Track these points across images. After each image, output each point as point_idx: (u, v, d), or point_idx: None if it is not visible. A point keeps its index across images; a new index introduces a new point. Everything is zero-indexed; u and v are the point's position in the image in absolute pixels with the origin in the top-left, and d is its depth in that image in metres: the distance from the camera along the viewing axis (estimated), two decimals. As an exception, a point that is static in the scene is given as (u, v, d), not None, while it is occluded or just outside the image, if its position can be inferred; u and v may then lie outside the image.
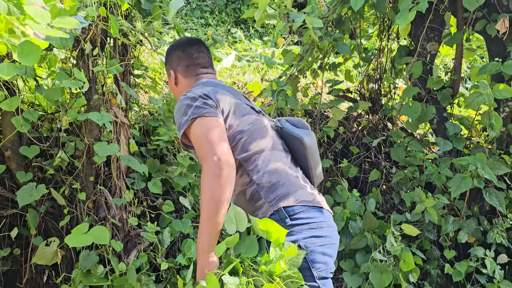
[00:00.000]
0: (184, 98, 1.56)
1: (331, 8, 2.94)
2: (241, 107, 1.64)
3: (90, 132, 2.26)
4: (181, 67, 1.80)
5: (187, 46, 1.83)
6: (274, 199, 1.52)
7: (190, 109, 1.49)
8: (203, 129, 1.46)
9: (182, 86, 1.79)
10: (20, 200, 2.01)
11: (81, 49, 2.19)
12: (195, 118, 1.47)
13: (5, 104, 1.96)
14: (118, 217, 2.26)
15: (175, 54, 1.83)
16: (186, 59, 1.80)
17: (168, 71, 1.85)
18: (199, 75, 1.79)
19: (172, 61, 1.83)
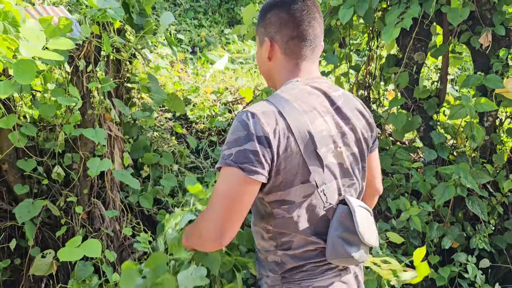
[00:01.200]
0: (244, 123, 1.14)
1: (321, 19, 3.00)
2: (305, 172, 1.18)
3: (85, 145, 2.32)
4: (281, 36, 1.27)
5: (295, 4, 1.26)
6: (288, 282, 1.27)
7: (237, 148, 1.13)
8: (229, 188, 1.13)
9: (276, 67, 1.32)
10: (18, 217, 2.08)
11: (75, 65, 2.25)
12: (233, 166, 1.12)
13: (2, 121, 2.02)
14: (111, 228, 2.33)
15: (276, 15, 1.28)
16: (292, 28, 1.26)
17: (261, 37, 1.32)
18: (299, 65, 1.29)
19: (271, 24, 1.29)
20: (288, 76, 1.30)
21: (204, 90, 3.92)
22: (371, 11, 2.75)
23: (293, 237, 1.23)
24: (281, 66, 1.30)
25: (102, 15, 2.17)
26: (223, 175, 1.14)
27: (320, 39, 1.32)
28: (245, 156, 1.11)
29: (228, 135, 1.17)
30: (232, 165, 1.12)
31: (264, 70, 1.37)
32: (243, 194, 1.13)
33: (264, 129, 1.13)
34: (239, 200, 1.13)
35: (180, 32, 6.30)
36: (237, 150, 1.12)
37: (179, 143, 3.17)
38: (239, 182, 1.12)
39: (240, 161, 1.11)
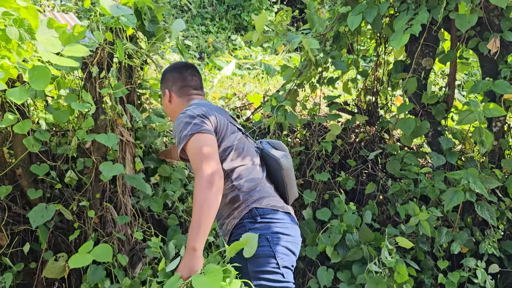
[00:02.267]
0: (183, 116, 1.78)
1: (329, 25, 3.04)
2: (230, 127, 1.90)
3: (98, 150, 2.36)
4: (176, 87, 2.05)
5: (182, 69, 2.08)
6: (249, 201, 1.79)
7: (189, 126, 1.72)
8: (199, 144, 1.68)
9: (176, 105, 2.04)
10: (32, 221, 2.11)
11: (88, 71, 2.28)
12: (193, 133, 1.70)
13: (18, 127, 2.06)
14: (123, 232, 2.36)
15: (171, 75, 2.08)
16: (181, 81, 2.06)
17: (163, 90, 2.09)
18: (191, 96, 2.04)
19: (168, 81, 2.08)
20: (185, 105, 1.98)
21: (212, 96, 3.95)
22: (379, 17, 2.77)
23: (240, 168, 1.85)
24: (179, 105, 2.03)
25: (115, 22, 2.21)
26: (190, 144, 1.70)
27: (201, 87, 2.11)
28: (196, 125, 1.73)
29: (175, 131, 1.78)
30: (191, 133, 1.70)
31: (169, 111, 2.11)
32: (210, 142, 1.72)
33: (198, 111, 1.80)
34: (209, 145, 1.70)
35: (188, 38, 6.35)
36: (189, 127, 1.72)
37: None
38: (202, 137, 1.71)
39: (195, 129, 1.71)
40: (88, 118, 2.30)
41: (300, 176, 3.17)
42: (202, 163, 1.62)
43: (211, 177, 1.60)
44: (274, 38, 2.90)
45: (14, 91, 1.97)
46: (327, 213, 2.85)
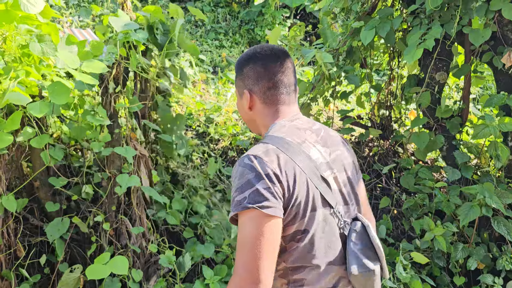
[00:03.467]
0: (249, 166, 1.18)
1: (342, 40, 3.06)
2: (313, 197, 1.21)
3: (113, 163, 2.40)
4: (259, 87, 1.36)
5: (270, 60, 1.36)
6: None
7: (250, 190, 1.14)
8: (253, 229, 1.12)
9: (258, 114, 1.39)
10: (49, 235, 2.16)
11: (105, 86, 2.34)
12: (251, 207, 1.12)
13: (35, 141, 2.12)
14: (138, 244, 2.38)
15: (252, 69, 1.37)
16: (268, 79, 1.35)
17: (241, 89, 1.40)
18: (279, 106, 1.37)
19: (248, 77, 1.38)
20: (271, 119, 1.37)
21: (226, 109, 3.99)
22: (392, 32, 2.79)
23: (307, 272, 1.23)
24: (262, 114, 1.38)
25: (126, 37, 2.26)
26: (244, 220, 1.14)
27: (294, 85, 1.41)
28: (259, 195, 1.13)
29: (234, 182, 1.18)
30: (249, 207, 1.12)
31: (246, 118, 1.44)
32: (270, 233, 1.12)
33: (270, 166, 1.17)
34: (267, 239, 1.11)
35: (202, 52, 6.44)
36: (250, 191, 1.13)
37: (201, 160, 3.23)
38: (262, 221, 1.12)
39: (257, 201, 1.12)
40: (105, 132, 2.34)
41: (314, 190, 3.16)
42: (244, 263, 1.11)
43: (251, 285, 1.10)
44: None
45: (35, 105, 2.03)
46: (340, 228, 2.84)
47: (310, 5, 4.02)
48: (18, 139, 2.16)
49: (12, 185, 2.41)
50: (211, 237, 2.53)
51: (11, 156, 2.34)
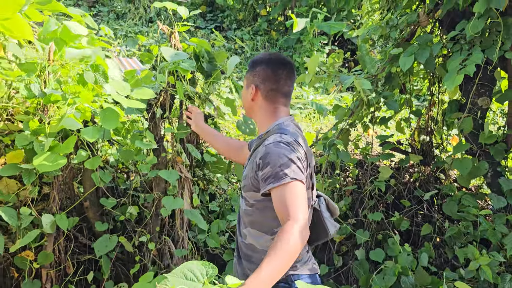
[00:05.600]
0: (287, 149, 1.53)
1: (381, 66, 3.09)
2: (313, 177, 1.72)
3: (158, 186, 2.50)
4: (264, 86, 1.72)
5: (278, 67, 1.71)
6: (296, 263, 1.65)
7: (292, 166, 1.50)
8: (298, 194, 1.49)
9: (258, 107, 1.75)
10: (97, 251, 2.26)
11: (153, 112, 2.47)
12: (295, 179, 1.49)
13: (88, 163, 2.25)
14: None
15: (263, 70, 1.72)
16: (273, 82, 1.71)
17: (249, 83, 1.77)
18: (279, 106, 1.72)
19: (258, 76, 1.73)
20: (271, 115, 1.72)
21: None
22: (432, 58, 2.79)
23: None
24: (261, 107, 1.74)
25: (175, 66, 2.38)
26: (290, 187, 1.48)
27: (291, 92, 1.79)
28: (299, 170, 1.51)
29: (274, 160, 1.51)
30: (296, 178, 1.49)
31: (246, 105, 1.82)
32: (304, 195, 1.52)
33: (299, 152, 1.56)
34: (305, 199, 1.52)
35: (242, 79, 6.60)
36: (295, 167, 1.50)
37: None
38: (302, 188, 1.51)
39: (298, 174, 1.50)
40: (151, 155, 2.46)
41: (353, 215, 3.15)
42: (300, 213, 1.45)
43: (305, 232, 1.45)
44: (326, 79, 2.99)
45: (88, 130, 2.17)
46: (380, 254, 2.80)
47: (348, 32, 4.08)
48: (73, 162, 2.30)
49: (63, 205, 2.55)
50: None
51: (64, 178, 2.49)
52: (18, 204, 2.35)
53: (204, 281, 1.16)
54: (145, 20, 8.40)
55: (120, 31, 7.48)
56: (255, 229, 1.69)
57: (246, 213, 1.72)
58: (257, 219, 1.67)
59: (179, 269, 1.18)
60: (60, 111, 2.17)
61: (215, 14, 9.34)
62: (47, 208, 2.41)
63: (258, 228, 1.68)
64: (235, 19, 9.00)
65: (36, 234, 2.11)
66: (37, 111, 2.29)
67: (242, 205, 1.75)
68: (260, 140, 1.68)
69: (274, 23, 8.61)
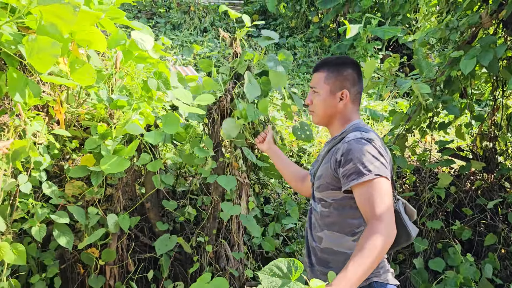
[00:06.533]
0: (370, 146, 1.50)
1: (440, 70, 3.00)
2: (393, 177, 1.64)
3: (216, 190, 2.56)
4: (354, 90, 1.70)
5: (358, 68, 1.75)
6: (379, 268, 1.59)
7: (377, 163, 1.47)
8: (384, 190, 1.45)
9: (342, 111, 1.70)
10: (158, 249, 2.35)
11: (212, 118, 2.54)
12: (381, 176, 1.45)
13: (151, 165, 2.35)
14: (235, 268, 2.49)
15: (352, 74, 1.71)
16: (360, 84, 1.73)
17: (337, 87, 1.69)
18: (356, 112, 1.72)
19: (347, 80, 1.69)
20: (349, 117, 1.70)
21: (318, 140, 4.05)
22: (495, 60, 2.68)
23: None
24: (348, 111, 1.70)
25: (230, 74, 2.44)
26: (374, 184, 1.45)
27: None
28: (383, 166, 1.48)
29: (356, 156, 1.47)
30: (381, 175, 1.45)
31: (329, 112, 1.72)
32: (390, 192, 1.47)
33: (382, 149, 1.53)
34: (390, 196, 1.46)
35: (294, 86, 6.62)
36: (378, 163, 1.47)
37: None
38: (387, 185, 1.46)
39: (382, 170, 1.46)
40: (209, 160, 2.53)
41: (410, 223, 3.06)
42: (386, 211, 1.41)
43: (392, 232, 1.40)
44: (382, 84, 2.94)
45: (151, 134, 2.27)
46: (440, 264, 2.70)
47: (403, 37, 4.00)
48: (136, 164, 2.42)
49: (126, 205, 2.68)
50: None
51: (127, 179, 2.62)
52: (84, 204, 2.50)
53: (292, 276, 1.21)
54: (200, 30, 8.65)
55: (176, 41, 7.75)
56: (333, 231, 1.62)
57: (322, 215, 1.65)
58: (336, 219, 1.61)
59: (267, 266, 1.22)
60: (125, 116, 2.29)
61: (267, 22, 9.46)
62: (111, 208, 2.54)
63: (337, 229, 1.61)
64: (287, 27, 9.06)
65: (103, 232, 2.23)
66: (105, 116, 2.44)
67: (317, 208, 1.68)
68: (336, 140, 1.66)
69: (326, 30, 8.58)
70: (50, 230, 2.25)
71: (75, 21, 1.65)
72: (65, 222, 2.17)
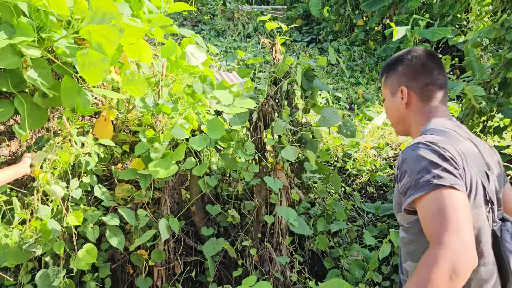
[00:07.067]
0: (426, 149, 1.18)
1: (494, 72, 2.86)
2: (480, 193, 1.21)
3: (259, 193, 2.57)
4: (417, 83, 1.42)
5: (426, 57, 1.44)
6: None
7: (434, 171, 1.14)
8: (444, 204, 1.10)
9: (412, 113, 1.43)
10: (206, 252, 2.38)
11: (255, 121, 2.55)
12: (438, 186, 1.12)
13: (196, 170, 2.39)
14: (280, 272, 2.48)
15: (409, 66, 1.44)
16: (426, 75, 1.41)
17: (395, 87, 1.46)
18: (434, 108, 1.41)
19: (405, 74, 1.44)
20: (426, 117, 1.40)
21: (364, 145, 3.97)
22: (557, 60, 2.53)
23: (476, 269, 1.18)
24: (417, 110, 1.42)
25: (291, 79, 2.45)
26: (436, 197, 1.11)
27: (447, 84, 1.45)
28: (450, 173, 1.13)
29: (412, 166, 1.18)
30: (443, 184, 1.11)
31: (397, 117, 1.48)
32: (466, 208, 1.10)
33: (448, 151, 1.18)
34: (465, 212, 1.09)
35: (338, 90, 6.54)
36: (439, 170, 1.13)
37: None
38: (454, 197, 1.10)
39: (448, 181, 1.12)
40: (252, 164, 2.54)
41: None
42: (445, 233, 1.06)
43: (462, 262, 1.02)
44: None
45: (196, 139, 2.31)
46: None
47: (453, 38, 3.85)
48: (182, 168, 2.47)
49: (172, 209, 2.74)
50: (350, 272, 2.52)
51: (174, 183, 2.68)
52: (133, 207, 2.58)
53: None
54: (243, 36, 8.74)
55: (220, 47, 7.88)
56: (415, 261, 1.30)
57: (404, 242, 1.35)
58: (416, 247, 1.29)
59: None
60: (172, 121, 2.34)
61: (311, 26, 9.42)
62: (158, 211, 2.61)
63: (418, 259, 1.22)
64: (331, 31, 8.98)
65: (152, 233, 2.29)
66: (152, 121, 2.51)
67: (401, 234, 1.38)
68: None
69: (371, 33, 8.43)
70: (101, 231, 2.34)
71: (123, 36, 1.72)
72: (116, 224, 2.24)
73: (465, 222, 1.07)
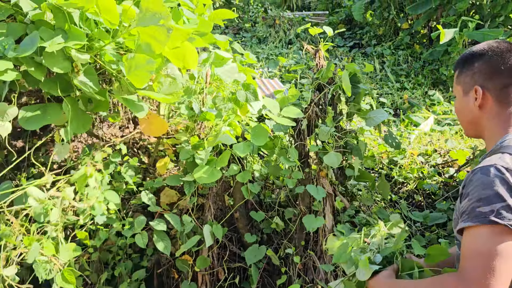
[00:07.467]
0: (498, 177, 1.05)
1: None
2: None
3: (303, 201, 2.55)
4: (495, 84, 1.23)
5: (508, 55, 1.23)
6: None
7: (500, 204, 1.02)
8: (490, 245, 1.01)
9: (487, 116, 1.25)
10: (248, 259, 2.39)
11: (298, 129, 2.54)
12: (494, 224, 1.02)
13: (240, 176, 2.41)
14: (324, 280, 2.44)
15: (487, 63, 1.25)
16: (506, 76, 1.22)
17: (469, 86, 1.29)
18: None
19: (480, 72, 1.25)
20: (504, 126, 1.22)
21: (410, 152, 3.85)
22: None
23: None
24: (493, 115, 1.24)
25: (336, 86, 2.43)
26: (486, 234, 1.02)
27: None
28: (510, 212, 1.02)
29: (475, 190, 1.07)
30: (499, 222, 1.01)
31: (469, 119, 1.31)
32: (509, 254, 1.00)
33: None
34: (508, 260, 1.00)
35: (383, 95, 6.40)
36: (500, 206, 1.02)
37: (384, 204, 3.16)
38: (506, 240, 1.01)
39: (507, 217, 1.01)
40: (295, 171, 2.52)
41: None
42: (478, 278, 1.00)
43: None
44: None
45: (239, 146, 2.33)
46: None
47: (506, 39, 3.68)
48: (225, 174, 2.49)
49: (216, 215, 2.76)
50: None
51: (217, 190, 2.71)
52: (178, 213, 2.63)
53: None
54: (285, 43, 8.75)
55: (262, 54, 7.92)
56: None
57: (459, 260, 1.21)
58: None
59: None
60: (216, 127, 2.37)
61: (353, 31, 9.30)
62: (202, 217, 2.64)
63: None
64: (374, 35, 8.82)
65: (197, 239, 2.32)
66: (196, 128, 2.55)
67: (458, 250, 1.27)
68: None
69: (417, 36, 8.20)
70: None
71: (169, 39, 1.77)
72: (163, 229, 2.29)
73: (503, 276, 0.99)
